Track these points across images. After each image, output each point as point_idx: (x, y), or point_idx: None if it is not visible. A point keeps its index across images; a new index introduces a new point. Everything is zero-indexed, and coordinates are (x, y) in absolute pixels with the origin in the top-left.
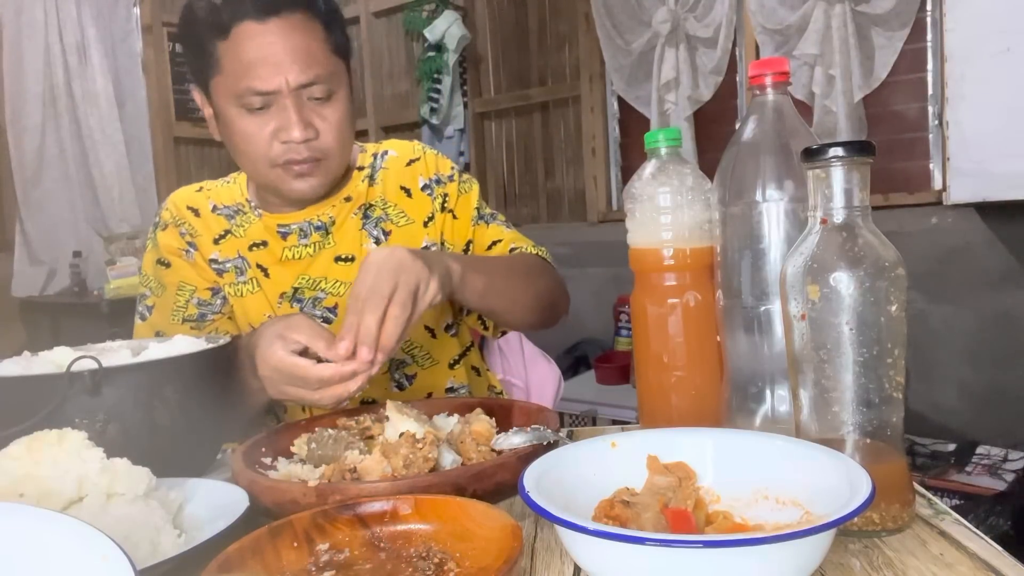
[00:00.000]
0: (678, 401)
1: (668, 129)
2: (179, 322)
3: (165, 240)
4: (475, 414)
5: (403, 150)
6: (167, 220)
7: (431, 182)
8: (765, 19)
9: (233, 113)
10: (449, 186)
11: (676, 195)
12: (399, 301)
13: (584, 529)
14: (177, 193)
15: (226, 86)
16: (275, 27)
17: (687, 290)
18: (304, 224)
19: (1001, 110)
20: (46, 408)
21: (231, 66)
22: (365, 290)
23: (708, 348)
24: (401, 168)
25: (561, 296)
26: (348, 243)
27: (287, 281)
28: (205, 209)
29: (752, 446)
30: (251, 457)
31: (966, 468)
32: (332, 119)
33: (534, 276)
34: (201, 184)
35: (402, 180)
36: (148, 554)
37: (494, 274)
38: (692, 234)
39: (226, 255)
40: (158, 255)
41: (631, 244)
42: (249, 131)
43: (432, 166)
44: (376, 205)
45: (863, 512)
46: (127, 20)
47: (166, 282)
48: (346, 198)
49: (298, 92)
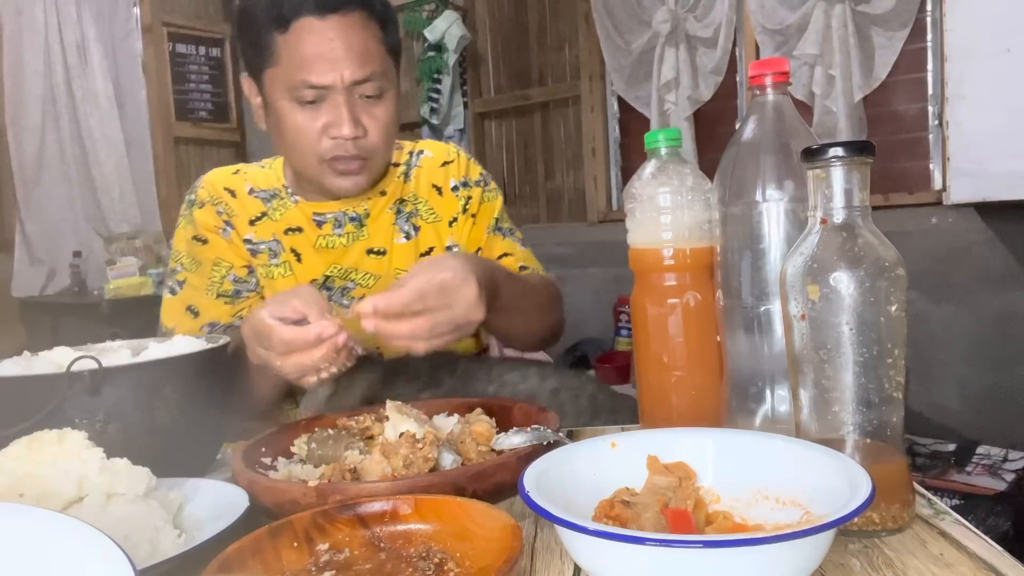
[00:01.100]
0: (678, 401)
1: (668, 129)
2: (213, 296)
3: (202, 218)
4: (475, 414)
5: (438, 151)
6: (204, 199)
7: (460, 184)
8: (765, 19)
9: (285, 105)
10: (474, 190)
11: (676, 195)
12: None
13: (584, 529)
14: (213, 173)
15: (281, 78)
16: (335, 23)
17: (687, 290)
18: (339, 214)
19: (1001, 110)
20: (46, 408)
21: (288, 59)
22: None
23: (708, 348)
24: (435, 168)
25: (560, 326)
26: (381, 236)
27: (319, 268)
28: (242, 191)
29: (752, 446)
30: (251, 457)
31: (966, 468)
32: (381, 118)
33: (553, 305)
34: (237, 167)
35: (434, 179)
36: (148, 554)
37: (524, 298)
38: (692, 234)
39: (261, 237)
40: (194, 232)
41: (631, 244)
42: (300, 124)
43: (463, 168)
44: (408, 201)
45: (863, 512)
46: (127, 20)
47: (201, 258)
48: (381, 192)
49: (351, 89)
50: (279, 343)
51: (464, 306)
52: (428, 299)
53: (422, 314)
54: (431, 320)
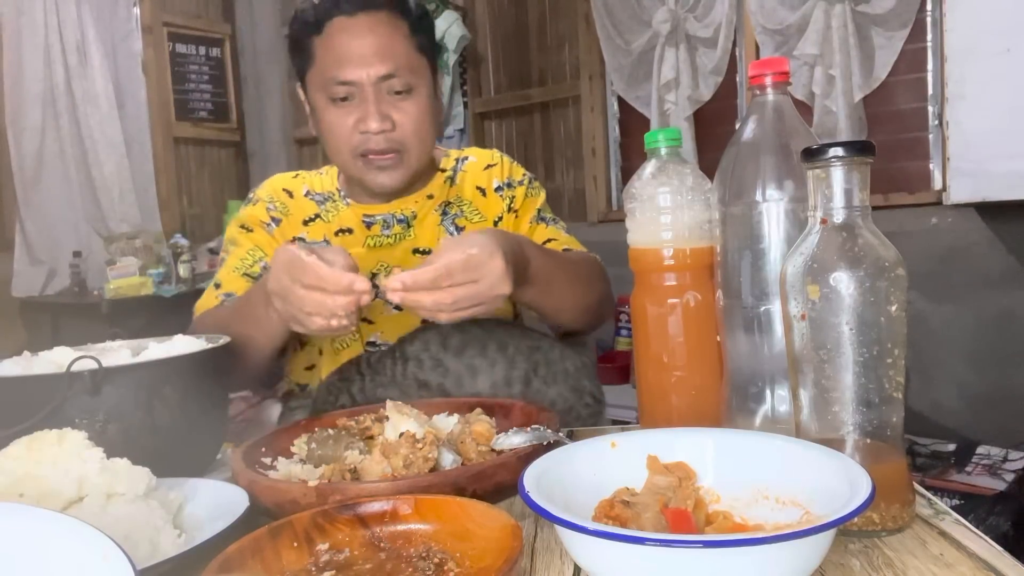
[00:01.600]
0: (678, 401)
1: (668, 129)
2: (239, 275)
3: (251, 211)
4: (475, 414)
5: (482, 156)
6: (259, 196)
7: (503, 185)
8: (765, 19)
9: (322, 104)
10: (518, 189)
11: (676, 195)
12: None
13: (584, 529)
14: (276, 177)
15: (317, 78)
16: (363, 21)
17: (687, 290)
18: (388, 216)
19: (1001, 110)
20: (46, 408)
21: (322, 59)
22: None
23: (708, 348)
24: (479, 171)
25: (609, 303)
26: (427, 237)
27: (367, 267)
28: (299, 192)
29: (752, 446)
30: (251, 457)
31: (966, 468)
32: (411, 113)
33: (594, 280)
34: (298, 172)
35: (478, 181)
36: (148, 554)
37: (559, 272)
38: (692, 234)
39: (313, 237)
40: (242, 222)
41: (631, 244)
42: (334, 121)
43: (506, 171)
44: (454, 203)
45: (864, 512)
46: (127, 20)
47: (240, 241)
48: (428, 195)
49: (378, 85)
50: (313, 276)
51: (489, 280)
52: (455, 275)
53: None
54: (454, 295)
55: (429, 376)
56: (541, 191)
